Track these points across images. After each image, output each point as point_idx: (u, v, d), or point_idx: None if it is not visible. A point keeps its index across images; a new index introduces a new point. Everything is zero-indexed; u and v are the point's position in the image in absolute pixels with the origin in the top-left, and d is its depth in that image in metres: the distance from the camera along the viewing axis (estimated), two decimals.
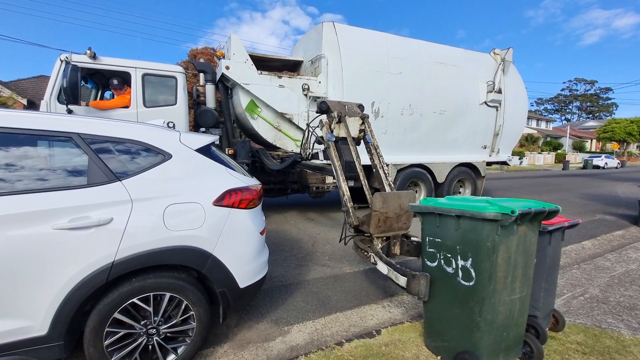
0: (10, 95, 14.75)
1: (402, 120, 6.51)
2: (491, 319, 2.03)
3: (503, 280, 2.03)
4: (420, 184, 7.01)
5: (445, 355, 2.26)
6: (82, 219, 1.79)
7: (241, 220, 2.29)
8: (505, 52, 7.68)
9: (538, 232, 2.20)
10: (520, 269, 2.10)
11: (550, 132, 45.64)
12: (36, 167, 1.86)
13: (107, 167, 1.95)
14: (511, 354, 2.21)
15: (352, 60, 5.92)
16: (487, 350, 2.06)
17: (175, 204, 2.04)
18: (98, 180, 1.90)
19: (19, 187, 1.75)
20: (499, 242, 1.95)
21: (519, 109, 8.17)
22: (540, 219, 2.17)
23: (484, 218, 1.93)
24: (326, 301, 3.13)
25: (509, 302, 2.08)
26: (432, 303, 2.33)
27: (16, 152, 1.83)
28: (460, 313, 2.13)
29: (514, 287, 2.08)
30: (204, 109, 5.70)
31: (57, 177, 1.86)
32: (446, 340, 2.25)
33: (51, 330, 1.74)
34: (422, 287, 2.35)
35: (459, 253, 2.12)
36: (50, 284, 1.73)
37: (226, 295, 2.22)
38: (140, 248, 1.90)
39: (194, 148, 2.27)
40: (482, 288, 2.00)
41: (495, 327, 2.06)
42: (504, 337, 2.12)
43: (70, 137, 1.91)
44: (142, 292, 1.94)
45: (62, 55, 4.37)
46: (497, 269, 1.98)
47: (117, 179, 1.95)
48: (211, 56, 19.82)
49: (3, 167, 1.75)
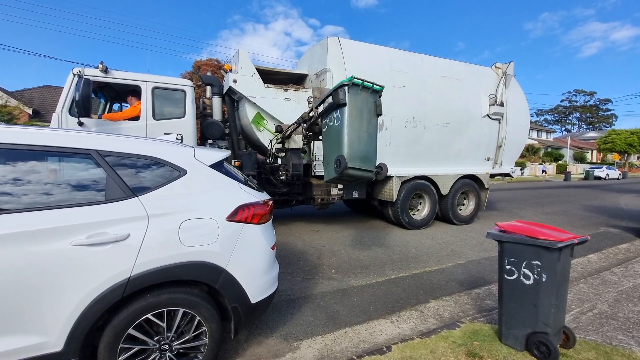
0: (16, 105, 14.92)
1: (406, 133, 6.57)
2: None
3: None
4: (424, 196, 7.03)
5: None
6: (99, 235, 1.81)
7: (253, 235, 2.31)
8: (507, 66, 7.80)
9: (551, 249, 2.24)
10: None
11: (551, 143, 45.83)
12: (56, 183, 1.89)
13: (124, 183, 1.98)
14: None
15: (356, 73, 5.98)
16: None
17: (190, 220, 2.07)
18: (115, 196, 1.94)
19: (39, 204, 1.78)
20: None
21: (521, 121, 8.24)
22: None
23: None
24: (334, 316, 3.12)
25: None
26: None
27: (37, 168, 1.87)
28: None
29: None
30: (210, 121, 5.77)
31: (76, 193, 1.89)
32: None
33: (66, 347, 1.75)
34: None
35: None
36: (67, 299, 1.74)
37: (238, 311, 2.23)
38: (156, 264, 1.92)
39: (207, 164, 2.30)
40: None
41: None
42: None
43: (89, 154, 1.95)
44: (156, 307, 1.95)
45: (75, 69, 4.46)
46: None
47: (134, 194, 1.98)
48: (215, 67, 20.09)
49: (24, 184, 1.79)
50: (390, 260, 4.80)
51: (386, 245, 5.61)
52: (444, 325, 3.00)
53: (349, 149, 3.42)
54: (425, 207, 7.07)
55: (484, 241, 6.07)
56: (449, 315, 3.22)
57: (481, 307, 3.43)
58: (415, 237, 6.21)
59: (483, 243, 5.93)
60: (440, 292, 3.77)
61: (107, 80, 4.78)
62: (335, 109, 3.57)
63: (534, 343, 2.43)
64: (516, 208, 10.36)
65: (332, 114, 3.62)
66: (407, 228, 6.75)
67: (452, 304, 3.47)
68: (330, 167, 3.63)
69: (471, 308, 3.40)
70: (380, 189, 6.73)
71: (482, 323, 2.99)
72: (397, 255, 5.09)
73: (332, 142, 3.69)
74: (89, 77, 4.28)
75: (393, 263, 4.70)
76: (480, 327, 2.89)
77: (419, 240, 6.01)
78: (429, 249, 5.51)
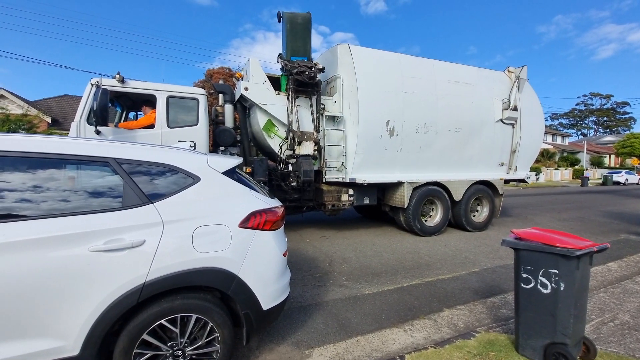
0: (36, 114, 15.46)
1: (417, 139, 6.53)
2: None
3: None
4: (437, 202, 6.94)
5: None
6: (116, 241, 1.85)
7: (265, 241, 2.33)
8: (520, 70, 7.70)
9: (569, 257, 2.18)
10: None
11: (566, 147, 44.73)
12: (75, 190, 1.95)
13: (140, 190, 2.02)
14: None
15: (367, 80, 6.03)
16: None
17: (203, 226, 2.10)
18: (132, 203, 1.98)
19: (59, 210, 1.83)
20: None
21: (536, 126, 8.09)
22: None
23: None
24: (346, 324, 3.09)
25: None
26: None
27: (56, 176, 1.93)
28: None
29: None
30: (222, 129, 5.86)
31: (94, 200, 1.94)
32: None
33: (83, 351, 1.78)
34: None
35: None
36: (84, 304, 1.78)
37: (250, 317, 2.23)
38: (170, 269, 1.95)
39: (220, 171, 2.34)
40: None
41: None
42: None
43: (107, 162, 2.01)
44: (170, 313, 1.97)
45: (93, 79, 4.61)
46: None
47: (149, 201, 2.02)
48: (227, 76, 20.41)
49: (45, 191, 1.85)
50: (402, 268, 4.74)
51: (398, 252, 5.55)
52: (458, 334, 2.94)
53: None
54: (437, 214, 6.98)
55: (499, 248, 5.93)
56: (464, 325, 3.15)
57: (497, 316, 3.35)
58: (428, 244, 6.13)
59: (498, 250, 5.80)
60: (454, 300, 3.69)
61: (124, 90, 4.93)
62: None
63: (552, 354, 2.35)
64: (531, 214, 10.12)
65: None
66: (419, 235, 6.67)
67: (466, 313, 3.40)
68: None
69: (486, 317, 3.32)
70: (392, 195, 6.69)
71: (498, 333, 2.92)
72: (409, 262, 5.02)
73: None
74: (106, 87, 4.41)
75: (405, 270, 4.63)
76: (496, 337, 2.82)
77: (432, 248, 5.93)
78: (442, 256, 5.42)
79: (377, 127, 6.14)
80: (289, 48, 6.05)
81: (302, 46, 6.11)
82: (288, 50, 6.06)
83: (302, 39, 6.12)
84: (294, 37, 6.06)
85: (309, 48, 6.19)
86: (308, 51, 6.15)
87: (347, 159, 6.20)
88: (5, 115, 13.23)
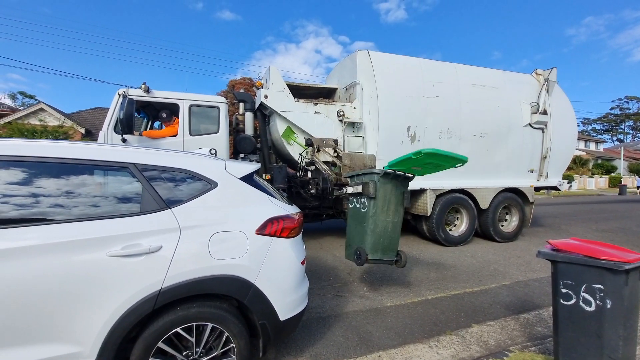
0: (71, 126, 16.37)
1: (440, 144, 6.31)
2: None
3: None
4: (462, 211, 6.64)
5: None
6: (134, 246, 1.84)
7: (283, 249, 2.25)
8: (549, 72, 7.34)
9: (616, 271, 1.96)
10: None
11: (601, 154, 42.30)
12: (95, 195, 1.96)
13: (158, 195, 2.01)
14: None
15: (386, 85, 5.94)
16: None
17: (220, 232, 2.05)
18: (150, 208, 1.97)
19: (78, 214, 1.84)
20: None
21: (568, 130, 7.65)
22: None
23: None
24: (367, 337, 2.94)
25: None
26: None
27: (77, 181, 1.95)
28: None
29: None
30: (243, 136, 5.91)
31: (112, 205, 1.95)
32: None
33: (99, 357, 1.75)
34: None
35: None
36: (101, 310, 1.76)
37: (266, 328, 2.15)
38: (186, 276, 1.91)
39: (238, 176, 2.30)
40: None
41: None
42: None
43: (127, 167, 2.02)
44: (185, 321, 1.93)
45: (120, 89, 4.80)
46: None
47: (167, 206, 2.00)
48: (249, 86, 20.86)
49: (65, 196, 1.87)
50: (426, 279, 4.53)
51: (421, 263, 5.32)
52: (489, 353, 2.73)
53: (371, 241, 3.61)
54: (463, 223, 6.67)
55: (531, 260, 5.58)
56: (495, 342, 2.93)
57: (531, 334, 3.09)
58: (453, 255, 5.85)
59: (530, 262, 5.45)
60: (483, 315, 3.46)
61: (148, 99, 5.08)
62: (362, 195, 3.75)
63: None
64: (565, 224, 9.52)
65: (360, 197, 3.82)
66: (443, 245, 6.39)
67: (497, 330, 3.16)
68: (351, 250, 3.88)
69: (520, 335, 3.08)
70: (414, 202, 6.47)
71: (534, 353, 2.68)
72: (434, 273, 4.79)
73: (355, 224, 3.93)
74: (133, 97, 4.56)
75: (430, 282, 4.42)
76: (532, 357, 2.59)
77: (457, 258, 5.65)
78: (468, 267, 5.14)
79: (398, 133, 6.01)
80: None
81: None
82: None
83: None
84: None
85: None
86: None
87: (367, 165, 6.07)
88: (44, 127, 14.09)
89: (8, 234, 1.67)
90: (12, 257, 1.63)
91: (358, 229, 3.82)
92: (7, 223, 1.69)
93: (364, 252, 3.59)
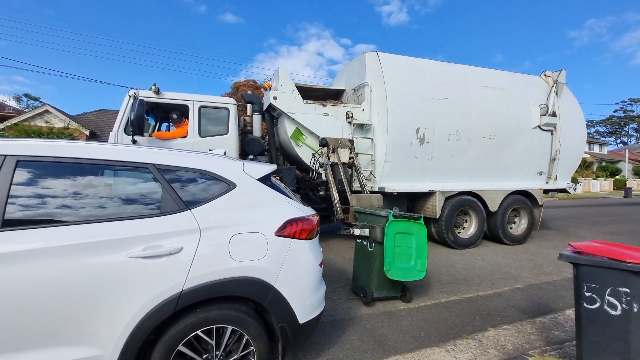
0: (77, 128, 16.45)
1: (449, 146, 6.29)
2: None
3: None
4: (471, 213, 6.59)
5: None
6: (155, 247, 1.81)
7: (301, 251, 2.23)
8: (558, 74, 7.30)
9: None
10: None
11: (605, 156, 42.06)
12: (115, 196, 1.95)
13: (178, 196, 1.99)
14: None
15: (395, 87, 5.91)
16: None
17: (240, 234, 2.03)
18: (170, 209, 1.94)
19: (98, 216, 1.82)
20: None
21: (577, 133, 7.61)
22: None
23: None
24: (383, 341, 2.90)
25: None
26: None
27: (97, 182, 1.93)
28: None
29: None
30: (251, 138, 5.90)
31: (133, 206, 1.93)
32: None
33: None
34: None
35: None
36: (122, 312, 1.73)
37: (286, 331, 2.12)
38: (207, 278, 1.88)
39: (256, 177, 2.28)
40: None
41: None
42: None
43: (147, 167, 2.00)
44: (205, 324, 1.90)
45: (130, 91, 4.79)
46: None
47: (187, 207, 1.98)
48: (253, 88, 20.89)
49: (85, 197, 1.85)
50: (438, 282, 4.48)
51: (432, 265, 5.26)
52: (507, 357, 2.69)
53: (377, 280, 3.62)
54: (472, 225, 6.62)
55: (542, 263, 5.52)
56: (512, 347, 2.88)
57: (549, 338, 3.05)
58: (463, 257, 5.80)
59: (541, 265, 5.39)
60: (499, 319, 3.41)
61: (159, 100, 5.08)
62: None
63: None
64: (573, 227, 9.44)
65: (366, 238, 3.85)
66: (452, 247, 6.34)
67: (514, 334, 3.12)
68: (358, 285, 3.92)
69: (537, 339, 3.03)
70: (422, 205, 6.43)
71: (554, 357, 2.64)
72: (445, 276, 4.74)
73: (362, 260, 3.95)
74: (143, 98, 4.56)
75: (441, 285, 4.37)
76: None
77: (468, 261, 5.59)
78: (479, 270, 5.09)
79: (407, 134, 5.98)
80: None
81: None
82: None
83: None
84: None
85: None
86: None
87: (376, 167, 6.06)
88: (50, 129, 14.17)
89: (29, 236, 1.64)
90: (33, 258, 1.60)
91: (364, 265, 3.85)
92: (28, 224, 1.67)
93: (369, 290, 3.64)
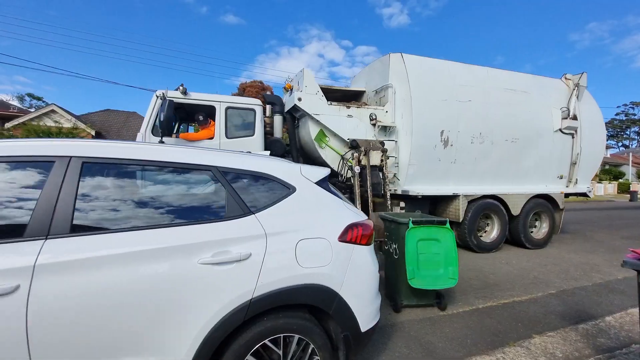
0: (85, 127, 16.41)
1: (472, 149, 6.23)
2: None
3: None
4: (493, 217, 6.52)
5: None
6: (223, 253, 1.75)
7: (363, 257, 2.16)
8: (579, 77, 7.26)
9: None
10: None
11: (608, 160, 41.97)
12: (178, 199, 1.88)
13: (241, 200, 1.93)
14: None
15: (420, 89, 5.86)
16: None
17: (305, 239, 1.96)
18: (235, 214, 1.88)
19: (165, 220, 1.75)
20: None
21: (597, 136, 7.56)
22: None
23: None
24: (431, 349, 2.84)
25: None
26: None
27: (161, 185, 1.87)
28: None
29: None
30: (273, 139, 5.84)
31: (198, 210, 1.87)
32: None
33: None
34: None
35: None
36: (193, 322, 1.66)
37: (349, 340, 2.06)
38: (276, 285, 1.82)
39: (313, 181, 2.22)
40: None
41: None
42: None
43: (210, 170, 1.94)
44: (273, 332, 1.83)
45: (158, 91, 4.73)
46: None
47: (250, 212, 1.92)
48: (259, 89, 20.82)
49: (152, 200, 1.79)
50: (470, 287, 4.41)
51: (459, 270, 5.18)
52: None
53: (405, 288, 3.61)
54: (494, 229, 6.55)
55: (568, 268, 5.45)
56: (562, 355, 2.82)
57: (596, 345, 2.98)
58: (488, 262, 5.73)
59: (567, 270, 5.32)
60: (541, 326, 3.34)
61: (187, 101, 5.02)
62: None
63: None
64: (589, 231, 9.36)
65: (391, 244, 3.89)
66: (474, 251, 6.27)
67: (559, 341, 3.05)
68: (388, 291, 3.97)
69: (585, 347, 2.96)
70: (445, 208, 6.37)
71: None
72: (475, 281, 4.68)
73: (389, 267, 4.01)
74: (172, 99, 4.50)
75: (474, 290, 4.30)
76: None
77: (493, 265, 5.53)
78: (507, 275, 5.02)
79: (431, 137, 5.92)
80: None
81: None
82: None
83: None
84: None
85: None
86: None
87: (400, 170, 5.99)
88: (58, 129, 14.11)
89: (95, 242, 1.57)
90: (102, 266, 1.53)
91: (392, 274, 3.88)
92: (92, 230, 1.61)
93: (398, 298, 3.64)
